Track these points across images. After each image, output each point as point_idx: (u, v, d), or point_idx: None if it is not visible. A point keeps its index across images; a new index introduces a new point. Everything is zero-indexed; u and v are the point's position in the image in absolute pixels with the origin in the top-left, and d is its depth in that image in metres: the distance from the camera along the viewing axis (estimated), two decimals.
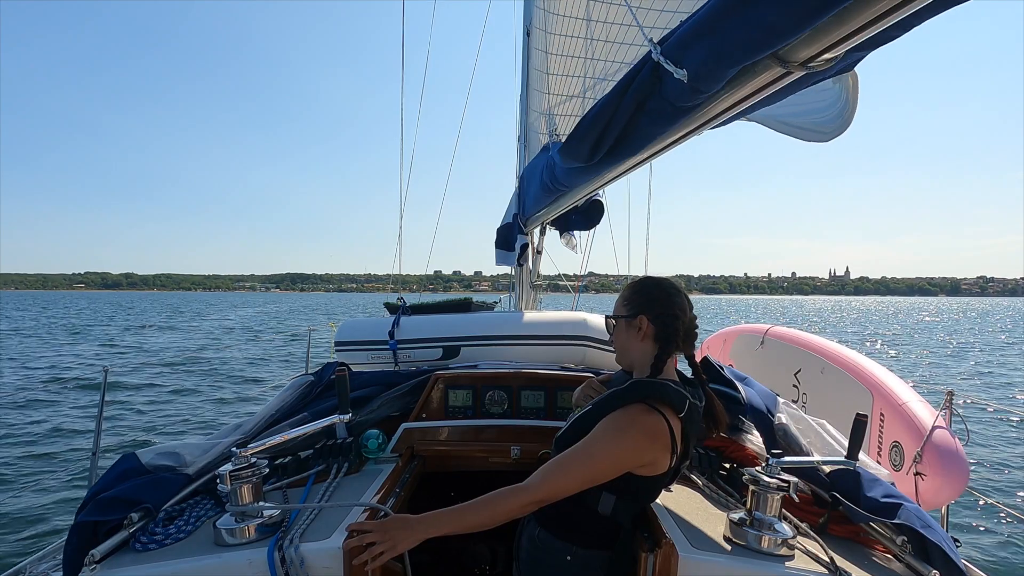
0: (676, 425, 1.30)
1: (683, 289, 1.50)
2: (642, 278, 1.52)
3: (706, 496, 1.68)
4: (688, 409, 1.33)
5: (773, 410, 1.84)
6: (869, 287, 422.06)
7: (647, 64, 1.22)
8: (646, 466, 1.30)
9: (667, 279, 1.50)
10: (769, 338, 4.45)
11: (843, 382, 3.39)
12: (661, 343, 1.40)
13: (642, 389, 1.33)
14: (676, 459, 1.33)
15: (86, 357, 16.88)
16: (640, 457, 1.28)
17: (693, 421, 1.37)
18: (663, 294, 1.45)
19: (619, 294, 1.53)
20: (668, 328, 1.40)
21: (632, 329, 1.44)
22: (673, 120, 1.27)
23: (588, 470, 1.27)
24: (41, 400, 9.39)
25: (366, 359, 3.08)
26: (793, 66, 0.92)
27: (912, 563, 1.30)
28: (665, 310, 1.42)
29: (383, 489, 1.62)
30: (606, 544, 1.39)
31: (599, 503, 1.35)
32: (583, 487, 1.28)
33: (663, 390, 1.32)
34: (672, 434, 1.29)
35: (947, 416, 2.80)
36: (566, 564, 1.39)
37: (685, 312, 1.44)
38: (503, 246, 4.42)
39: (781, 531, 1.31)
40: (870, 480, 1.51)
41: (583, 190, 2.40)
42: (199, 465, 1.59)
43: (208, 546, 1.29)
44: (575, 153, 1.66)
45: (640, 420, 1.28)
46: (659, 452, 1.29)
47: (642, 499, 1.42)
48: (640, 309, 1.44)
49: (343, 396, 1.67)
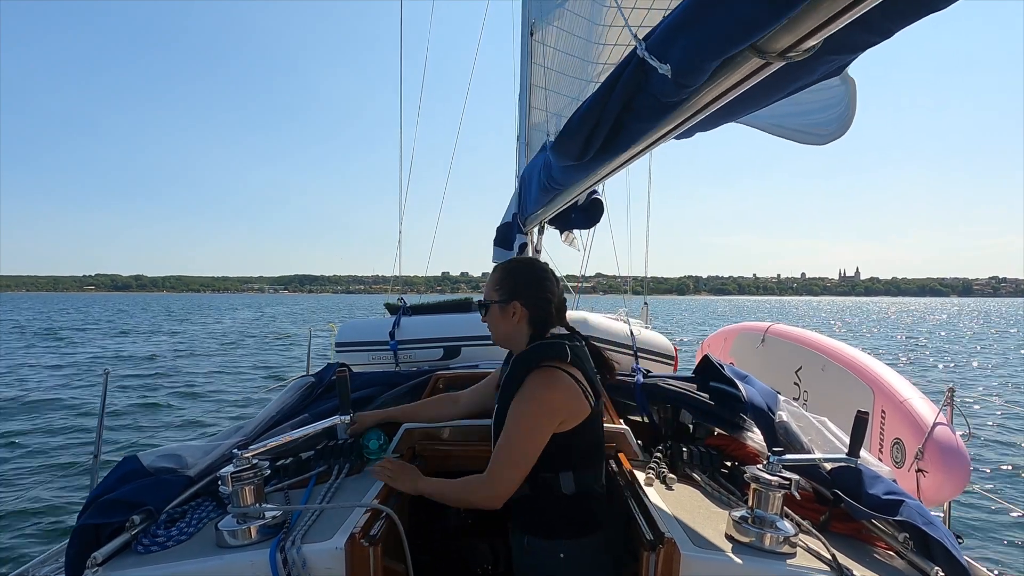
0: (572, 371, 1.42)
1: (550, 269, 1.61)
2: (512, 260, 1.64)
3: (707, 494, 1.68)
4: (572, 352, 1.45)
5: (774, 408, 1.84)
6: (880, 288, 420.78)
7: (632, 60, 1.22)
8: (570, 417, 1.41)
9: (536, 260, 1.62)
10: (770, 336, 4.45)
11: (844, 379, 3.39)
12: (536, 325, 1.52)
13: (527, 359, 1.45)
14: (592, 400, 1.45)
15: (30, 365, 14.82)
16: (562, 409, 1.39)
17: (583, 360, 1.49)
18: (534, 278, 1.54)
19: (490, 277, 1.62)
20: (541, 311, 1.51)
21: (506, 314, 1.53)
22: (660, 116, 1.27)
23: (526, 448, 1.37)
24: (42, 402, 9.40)
25: (367, 360, 3.08)
26: (772, 56, 0.93)
27: (914, 560, 1.30)
28: (537, 293, 1.52)
29: (385, 489, 1.62)
30: (592, 527, 1.42)
31: (561, 486, 1.41)
32: (531, 465, 1.38)
33: (542, 350, 1.45)
34: (574, 379, 1.41)
35: (948, 413, 2.80)
36: (561, 563, 1.41)
37: (555, 294, 1.55)
38: (501, 244, 4.43)
39: (783, 529, 1.31)
40: (872, 477, 1.51)
41: (580, 187, 2.40)
42: (200, 467, 1.59)
43: (210, 548, 1.29)
44: (567, 151, 1.66)
45: (540, 381, 1.39)
46: (572, 399, 1.40)
47: (593, 458, 1.48)
48: (512, 295, 1.53)
49: (344, 397, 1.67)
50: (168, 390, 11.06)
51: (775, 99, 1.31)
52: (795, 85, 1.23)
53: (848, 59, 1.15)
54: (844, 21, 0.83)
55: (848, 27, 0.95)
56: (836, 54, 1.09)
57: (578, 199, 4.19)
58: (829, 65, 1.15)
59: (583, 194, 4.22)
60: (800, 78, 1.19)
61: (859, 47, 1.09)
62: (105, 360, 16.14)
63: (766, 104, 1.34)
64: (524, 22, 3.83)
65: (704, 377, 2.21)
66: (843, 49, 1.08)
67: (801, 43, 0.90)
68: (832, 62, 1.13)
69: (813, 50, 0.93)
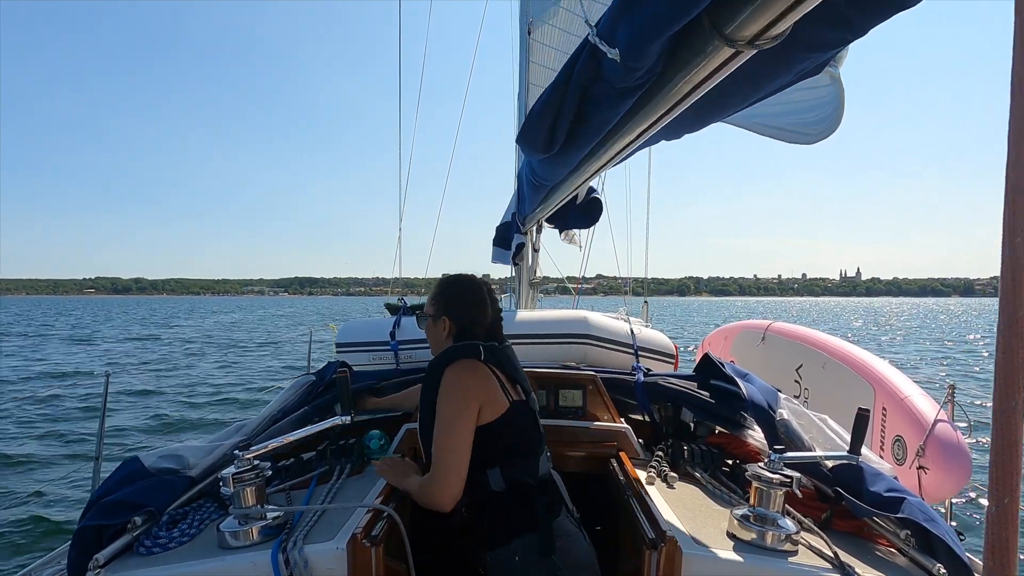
0: (488, 366, 1.50)
1: (485, 286, 1.67)
2: (452, 277, 1.68)
3: (709, 493, 1.68)
4: (487, 351, 1.52)
5: (775, 406, 1.84)
6: (881, 288, 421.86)
7: (586, 47, 1.22)
8: (488, 404, 1.46)
9: (475, 280, 1.66)
10: (770, 334, 4.45)
11: (845, 377, 3.39)
12: (460, 341, 1.59)
13: (442, 359, 1.52)
14: (511, 396, 1.52)
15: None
16: (479, 392, 1.45)
17: (503, 361, 1.56)
18: (466, 298, 1.62)
19: (432, 288, 1.71)
20: (466, 330, 1.60)
21: (437, 328, 1.63)
22: (619, 103, 1.26)
23: (457, 441, 1.41)
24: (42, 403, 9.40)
25: (368, 360, 3.08)
26: (740, 44, 0.93)
27: (916, 557, 1.30)
28: (465, 312, 1.60)
29: (386, 490, 1.62)
30: (530, 525, 1.43)
31: (492, 483, 1.46)
32: (468, 453, 1.42)
33: (454, 352, 1.53)
34: (489, 367, 1.50)
35: (949, 410, 2.80)
36: (518, 567, 1.41)
37: (486, 313, 1.62)
38: (500, 244, 4.43)
39: (785, 527, 1.31)
40: (873, 475, 1.50)
41: (567, 183, 2.38)
42: (202, 467, 1.59)
43: (212, 549, 1.29)
44: (531, 142, 1.65)
45: (455, 370, 1.47)
46: (489, 386, 1.47)
47: (521, 454, 1.51)
48: (443, 311, 1.62)
49: (345, 397, 1.67)
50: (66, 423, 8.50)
51: (758, 97, 1.31)
52: (774, 82, 1.23)
53: (825, 57, 1.15)
54: (807, 7, 0.83)
55: (819, 22, 0.95)
56: (810, 50, 1.09)
57: (576, 198, 4.20)
58: (805, 62, 1.15)
59: (581, 192, 4.23)
60: (778, 74, 1.19)
61: (832, 44, 1.09)
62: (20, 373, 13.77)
63: (750, 102, 1.34)
64: (523, 21, 3.83)
65: (705, 375, 2.21)
66: (817, 44, 1.08)
67: (769, 30, 0.90)
68: (808, 59, 1.13)
69: (781, 37, 0.93)
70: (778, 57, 1.08)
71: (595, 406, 2.29)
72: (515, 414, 1.50)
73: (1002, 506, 0.54)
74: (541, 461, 1.54)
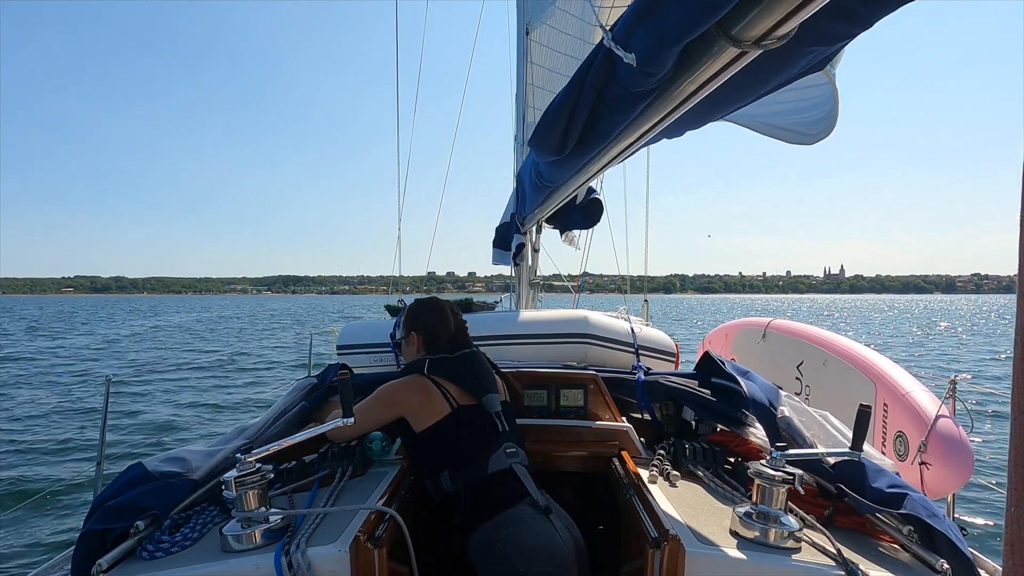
0: (431, 377, 1.72)
1: (448, 307, 1.94)
2: (414, 302, 1.99)
3: (711, 491, 1.68)
4: (432, 364, 1.75)
5: (776, 403, 1.84)
6: (864, 285, 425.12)
7: (600, 51, 1.22)
8: (420, 411, 1.68)
9: (435, 300, 1.97)
10: (771, 331, 4.45)
11: (846, 373, 3.39)
12: (429, 349, 1.87)
13: (399, 375, 1.81)
14: (454, 398, 1.69)
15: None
16: (403, 402, 1.70)
17: (454, 370, 1.76)
18: (425, 311, 1.92)
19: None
20: (432, 337, 1.88)
21: (410, 344, 1.93)
22: (633, 107, 1.26)
23: (367, 409, 1.71)
24: (42, 406, 9.40)
25: (368, 361, 3.08)
26: (747, 45, 0.93)
27: (919, 553, 1.29)
28: (427, 322, 1.89)
29: (388, 491, 1.63)
30: (488, 514, 1.58)
31: (444, 485, 1.64)
32: (369, 422, 1.74)
33: (404, 369, 1.81)
34: (435, 384, 1.70)
35: (951, 405, 2.80)
36: (477, 559, 1.58)
37: (448, 328, 1.89)
38: (501, 245, 4.43)
39: (787, 524, 1.31)
40: (875, 471, 1.50)
41: (570, 184, 2.38)
42: (205, 470, 1.59)
43: (215, 553, 1.29)
44: (544, 145, 1.66)
45: (391, 384, 1.75)
46: (420, 397, 1.69)
47: (461, 457, 1.65)
48: (411, 326, 1.92)
49: (346, 399, 1.67)
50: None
51: (760, 94, 1.30)
52: (778, 78, 1.22)
53: (829, 51, 1.14)
54: (814, 7, 0.83)
55: (825, 16, 0.95)
56: (815, 45, 1.08)
57: (576, 198, 4.21)
58: (810, 57, 1.14)
59: (581, 193, 4.23)
60: (781, 71, 1.18)
61: (839, 37, 1.08)
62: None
63: (752, 99, 1.33)
64: (520, 21, 3.83)
65: (705, 373, 2.20)
66: (823, 39, 1.07)
67: (775, 30, 0.90)
68: (812, 53, 1.12)
69: (787, 37, 0.93)
70: (782, 55, 1.08)
71: (596, 405, 2.29)
72: (457, 419, 1.67)
73: (1021, 507, 0.53)
74: (496, 457, 1.65)
